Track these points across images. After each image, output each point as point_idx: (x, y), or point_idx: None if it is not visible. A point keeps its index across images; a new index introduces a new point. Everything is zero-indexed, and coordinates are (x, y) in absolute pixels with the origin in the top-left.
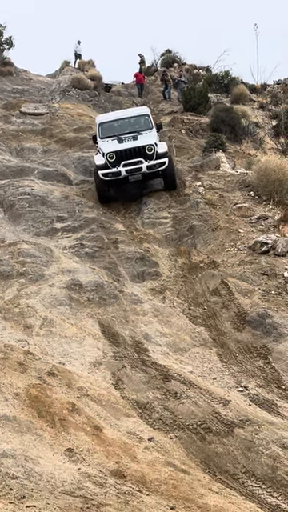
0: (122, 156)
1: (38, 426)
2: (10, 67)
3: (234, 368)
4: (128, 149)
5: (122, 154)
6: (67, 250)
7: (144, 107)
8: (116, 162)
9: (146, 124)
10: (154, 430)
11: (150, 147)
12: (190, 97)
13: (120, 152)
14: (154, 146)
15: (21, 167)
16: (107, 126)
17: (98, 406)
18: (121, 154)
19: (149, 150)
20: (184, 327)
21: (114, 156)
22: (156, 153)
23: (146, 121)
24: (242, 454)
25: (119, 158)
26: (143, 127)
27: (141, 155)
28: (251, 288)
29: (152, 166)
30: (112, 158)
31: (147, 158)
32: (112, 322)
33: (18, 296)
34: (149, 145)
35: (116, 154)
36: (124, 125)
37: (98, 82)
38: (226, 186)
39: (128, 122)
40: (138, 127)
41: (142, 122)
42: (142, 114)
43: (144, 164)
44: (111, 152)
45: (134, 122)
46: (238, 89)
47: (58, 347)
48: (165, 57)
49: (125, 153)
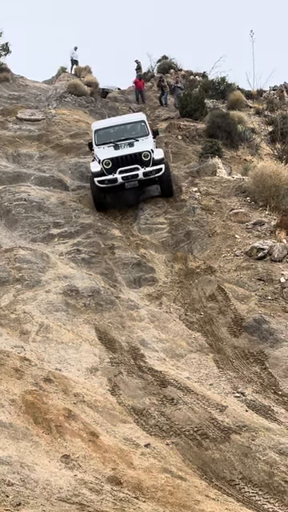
0: (118, 163)
1: (34, 433)
2: (6, 73)
3: (231, 374)
4: (124, 155)
5: (118, 161)
6: (64, 255)
7: (140, 113)
8: (112, 169)
9: (142, 130)
10: (150, 437)
11: (146, 154)
12: (187, 103)
13: (116, 159)
14: (151, 153)
15: (17, 173)
16: (103, 133)
17: (95, 412)
18: (117, 161)
19: (145, 156)
20: (180, 333)
21: (110, 163)
22: (152, 159)
23: (142, 127)
24: (239, 460)
25: (115, 164)
26: (139, 134)
27: (137, 162)
28: (248, 293)
29: (148, 172)
30: (108, 164)
31: (143, 164)
32: (108, 327)
33: (15, 302)
34: (145, 151)
35: (112, 161)
36: (120, 131)
37: (95, 88)
38: (223, 191)
39: (124, 129)
40: (134, 134)
41: (138, 129)
42: (138, 120)
43: (140, 171)
44: (107, 159)
45: (130, 129)
46: (235, 95)
47: (54, 353)
48: (161, 63)
49: (121, 160)
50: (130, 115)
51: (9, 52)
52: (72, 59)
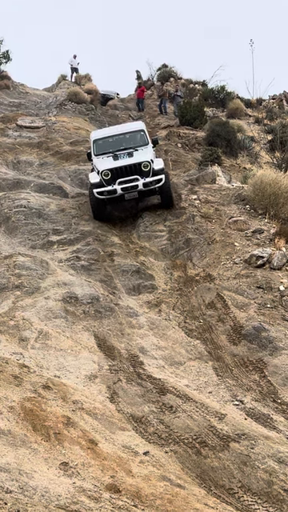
0: (117, 173)
1: (32, 440)
2: (7, 81)
3: (230, 382)
4: (123, 166)
5: (118, 172)
6: (63, 262)
7: (139, 122)
8: (111, 180)
9: (142, 140)
10: (149, 444)
11: (145, 164)
12: (186, 111)
13: (115, 169)
14: (150, 163)
15: (17, 180)
16: (102, 143)
17: (94, 420)
18: (116, 172)
19: (145, 166)
20: (180, 340)
21: (109, 174)
22: (152, 169)
23: (141, 136)
24: (238, 469)
25: (114, 175)
26: (139, 143)
27: (137, 172)
28: (247, 301)
29: (148, 183)
30: (107, 175)
31: (143, 175)
32: (108, 334)
33: (14, 309)
34: (145, 161)
35: (111, 172)
36: (119, 141)
37: (95, 95)
38: (222, 199)
39: (123, 138)
40: (133, 143)
41: (138, 138)
42: (137, 129)
43: (140, 181)
44: (106, 170)
45: (129, 138)
46: (234, 103)
47: (53, 360)
48: (161, 71)
49: (120, 170)
50: (129, 124)
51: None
52: (72, 67)
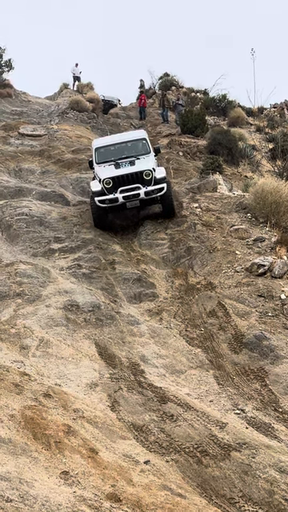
0: (119, 182)
1: (33, 449)
2: (9, 89)
3: (231, 390)
4: (125, 174)
5: (119, 180)
6: (64, 270)
7: (141, 131)
8: (113, 188)
9: (144, 148)
10: (150, 453)
11: (147, 172)
12: (188, 119)
13: (117, 178)
14: (152, 172)
15: (19, 188)
16: (103, 151)
17: (94, 428)
18: (118, 180)
19: (146, 175)
20: (181, 349)
21: (111, 182)
22: (154, 178)
23: (143, 145)
24: (239, 478)
25: (116, 184)
26: (141, 152)
27: (138, 181)
28: (248, 310)
29: (150, 191)
30: (109, 184)
31: (145, 183)
32: (109, 343)
33: (15, 316)
34: (146, 170)
35: (113, 180)
36: (121, 149)
37: (97, 104)
38: (223, 207)
39: (125, 147)
40: (135, 152)
41: (140, 147)
42: (139, 138)
43: (142, 190)
44: (108, 178)
45: (131, 147)
46: (235, 112)
47: (54, 368)
48: (163, 80)
49: (122, 179)
50: (130, 132)
51: (12, 68)
52: (74, 76)
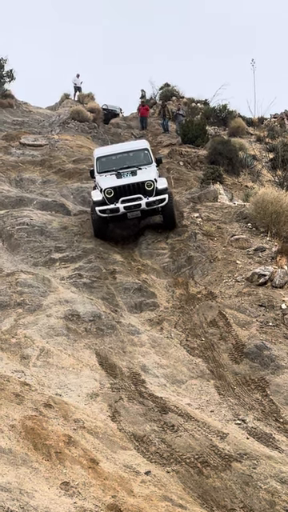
0: (120, 192)
1: (33, 459)
2: (10, 99)
3: (232, 401)
4: (127, 184)
5: (121, 190)
6: (65, 280)
7: (143, 141)
8: (114, 198)
9: (146, 158)
10: (150, 464)
11: (149, 183)
12: (188, 129)
13: (118, 188)
14: (154, 182)
15: (20, 197)
16: (105, 161)
17: (95, 439)
18: (119, 190)
19: (148, 186)
20: (181, 358)
21: (112, 192)
22: (156, 189)
23: (145, 155)
24: (240, 489)
25: (117, 194)
26: (142, 162)
27: (140, 191)
28: (249, 320)
29: (151, 202)
30: (110, 193)
31: (146, 194)
32: (109, 352)
33: (16, 326)
34: (148, 181)
35: (114, 190)
36: (122, 159)
37: (97, 114)
38: (224, 217)
39: (127, 157)
40: (136, 162)
41: (142, 157)
42: (142, 148)
43: (143, 200)
44: (109, 188)
45: (132, 157)
46: (236, 122)
47: (54, 378)
48: (163, 90)
49: (123, 189)
50: (132, 142)
51: (13, 79)
52: (75, 86)
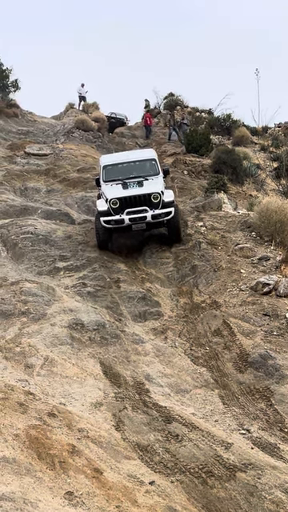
0: (126, 203)
1: (37, 468)
2: (15, 109)
3: (236, 410)
4: (133, 196)
5: (127, 201)
6: (69, 289)
7: (151, 150)
8: (119, 209)
9: (153, 169)
10: (155, 474)
11: (155, 195)
12: (193, 139)
13: (124, 199)
14: (160, 195)
15: (24, 206)
16: (111, 169)
17: (99, 448)
18: (125, 201)
19: (154, 198)
20: (186, 368)
21: (118, 203)
22: (162, 201)
23: (152, 166)
24: (245, 499)
25: (123, 205)
26: (149, 172)
27: (146, 203)
28: (253, 329)
29: (157, 215)
30: (115, 204)
31: (152, 206)
32: (113, 362)
33: (20, 335)
34: (155, 193)
35: (120, 201)
36: (129, 168)
37: (102, 123)
38: (228, 226)
39: (133, 166)
40: (143, 172)
41: (149, 167)
42: (149, 158)
43: (149, 213)
44: (115, 198)
45: (139, 166)
46: (240, 131)
47: (58, 387)
48: (168, 100)
49: (129, 200)
50: (140, 151)
51: (18, 88)
52: (80, 95)
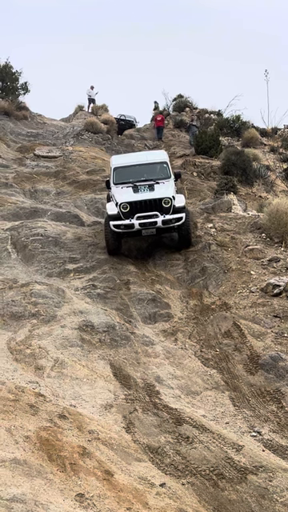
0: (136, 207)
1: (48, 470)
2: (25, 111)
3: (247, 412)
4: (144, 200)
5: (137, 206)
6: (79, 290)
7: (162, 152)
8: (130, 214)
9: (164, 172)
10: (165, 476)
11: (166, 200)
12: (202, 140)
13: (135, 203)
14: (172, 200)
15: (34, 209)
16: (122, 171)
17: (109, 450)
18: (135, 206)
19: (165, 203)
20: (196, 370)
21: (128, 207)
22: (173, 207)
23: (164, 169)
24: (256, 502)
25: (133, 209)
26: (161, 175)
27: (157, 208)
28: (264, 330)
29: (168, 220)
30: (126, 208)
31: (163, 211)
32: (123, 363)
33: (30, 337)
34: (166, 198)
35: (130, 205)
36: (140, 171)
37: (111, 125)
38: (238, 228)
39: (145, 168)
40: (155, 175)
41: (160, 170)
42: (161, 161)
43: (159, 218)
44: (125, 203)
45: (151, 169)
46: (249, 132)
47: (69, 389)
48: (177, 101)
49: (140, 204)
50: (151, 153)
51: (27, 91)
52: (89, 98)
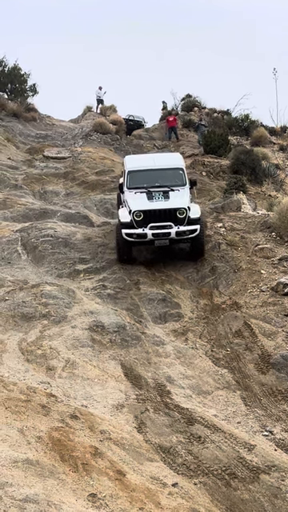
0: (150, 216)
1: (60, 471)
2: (33, 113)
3: (259, 412)
4: (158, 210)
5: (151, 215)
6: (89, 291)
7: (178, 157)
8: (143, 223)
9: (180, 179)
10: (177, 475)
11: (182, 211)
12: (211, 140)
13: (149, 212)
14: (187, 210)
15: (44, 210)
16: (136, 175)
17: (121, 450)
18: (149, 214)
19: (180, 213)
20: (207, 369)
21: (142, 215)
22: (188, 218)
23: (179, 175)
24: (269, 501)
25: (147, 218)
26: (176, 182)
27: (171, 218)
28: (274, 330)
29: (182, 232)
30: (139, 217)
31: (178, 222)
32: (134, 363)
33: (41, 337)
34: (181, 208)
35: (144, 214)
36: (155, 176)
37: (120, 126)
38: (248, 227)
39: (160, 174)
40: (170, 181)
41: (176, 176)
42: (177, 167)
43: (173, 229)
44: (139, 211)
45: (166, 175)
46: (258, 131)
47: (80, 389)
48: (185, 101)
49: (154, 213)
50: (167, 157)
51: (36, 93)
52: (97, 98)
